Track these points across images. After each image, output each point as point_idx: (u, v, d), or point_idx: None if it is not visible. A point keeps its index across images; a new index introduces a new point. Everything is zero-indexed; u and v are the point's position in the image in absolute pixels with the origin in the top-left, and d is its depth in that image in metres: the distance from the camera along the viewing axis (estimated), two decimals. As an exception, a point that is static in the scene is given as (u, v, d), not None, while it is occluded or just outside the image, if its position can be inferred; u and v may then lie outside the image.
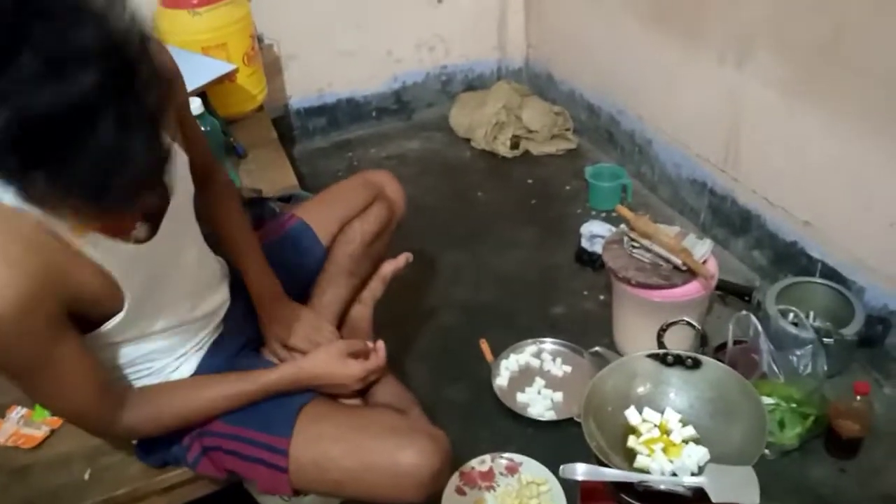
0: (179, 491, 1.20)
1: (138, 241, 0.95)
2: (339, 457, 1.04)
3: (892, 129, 1.47)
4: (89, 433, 1.10)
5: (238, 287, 1.23)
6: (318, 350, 1.14)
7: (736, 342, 1.52)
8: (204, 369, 1.12)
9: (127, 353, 1.03)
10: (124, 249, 0.92)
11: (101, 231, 0.87)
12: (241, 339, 1.20)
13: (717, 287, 1.70)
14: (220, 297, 1.18)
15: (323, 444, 1.05)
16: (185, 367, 1.12)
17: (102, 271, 0.90)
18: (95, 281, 0.90)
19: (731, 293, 1.83)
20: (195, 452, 1.10)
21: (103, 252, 0.89)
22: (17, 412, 1.28)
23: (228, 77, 1.91)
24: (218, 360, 1.14)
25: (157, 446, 1.13)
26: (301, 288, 1.33)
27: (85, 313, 0.92)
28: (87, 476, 1.17)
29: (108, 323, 0.96)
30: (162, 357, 1.08)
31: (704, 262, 1.57)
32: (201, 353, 1.14)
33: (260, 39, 2.39)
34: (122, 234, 0.92)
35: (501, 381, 1.68)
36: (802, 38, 1.63)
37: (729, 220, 2.01)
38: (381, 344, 1.19)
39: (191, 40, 1.99)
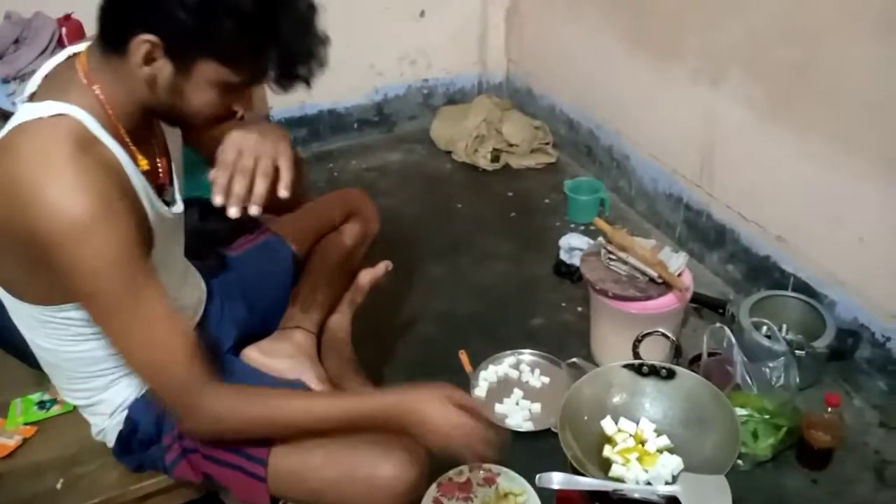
0: (155, 500, 1.19)
1: (165, 204, 1.02)
2: (318, 466, 1.04)
3: (861, 148, 1.51)
4: (171, 404, 0.98)
5: (217, 288, 1.24)
6: (423, 386, 1.06)
7: (710, 354, 1.54)
8: None
9: None
10: (160, 208, 0.99)
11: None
12: (213, 340, 1.19)
13: (692, 300, 1.73)
14: (198, 294, 1.20)
15: (303, 454, 1.05)
16: None
17: (146, 220, 0.96)
18: (142, 226, 0.94)
19: (705, 306, 1.86)
20: (174, 453, 1.09)
21: (149, 202, 0.97)
22: (-11, 422, 1.26)
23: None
24: None
25: (135, 445, 1.12)
26: (274, 297, 1.33)
27: None
28: (59, 485, 1.15)
29: None
30: None
31: (680, 274, 1.60)
32: None
33: (242, 50, 2.40)
34: (159, 181, 1.00)
35: (480, 391, 1.69)
36: (775, 62, 1.67)
37: (704, 234, 2.04)
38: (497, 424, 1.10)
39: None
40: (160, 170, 1.02)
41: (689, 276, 1.64)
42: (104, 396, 1.10)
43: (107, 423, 1.12)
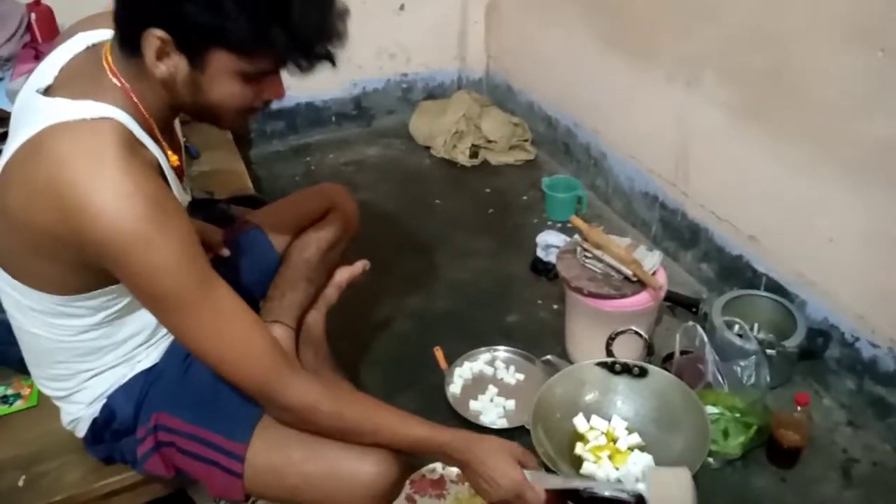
0: (120, 497, 1.17)
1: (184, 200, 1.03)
2: (299, 460, 1.03)
3: (830, 152, 1.53)
4: (263, 393, 0.96)
5: None
6: (496, 440, 1.08)
7: (683, 352, 1.55)
8: (164, 367, 1.10)
9: (117, 330, 1.03)
10: (182, 200, 1.01)
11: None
12: None
13: (666, 298, 1.74)
14: None
15: (284, 449, 1.04)
16: (155, 353, 1.11)
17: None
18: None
19: (679, 304, 1.87)
20: (147, 446, 1.07)
21: (181, 198, 0.98)
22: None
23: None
24: (176, 357, 1.12)
25: (108, 435, 1.10)
26: (253, 291, 1.31)
27: None
28: (21, 483, 1.13)
29: None
30: (140, 337, 1.07)
31: (654, 273, 1.61)
32: (160, 351, 1.12)
33: (218, 40, 2.36)
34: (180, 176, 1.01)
35: (455, 388, 1.69)
36: (747, 66, 1.69)
37: (679, 233, 2.05)
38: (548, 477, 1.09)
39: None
40: (181, 164, 1.03)
41: (664, 274, 1.65)
42: (88, 384, 1.08)
43: (83, 413, 1.10)
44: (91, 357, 1.05)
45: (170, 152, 0.96)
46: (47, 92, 0.89)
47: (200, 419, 1.06)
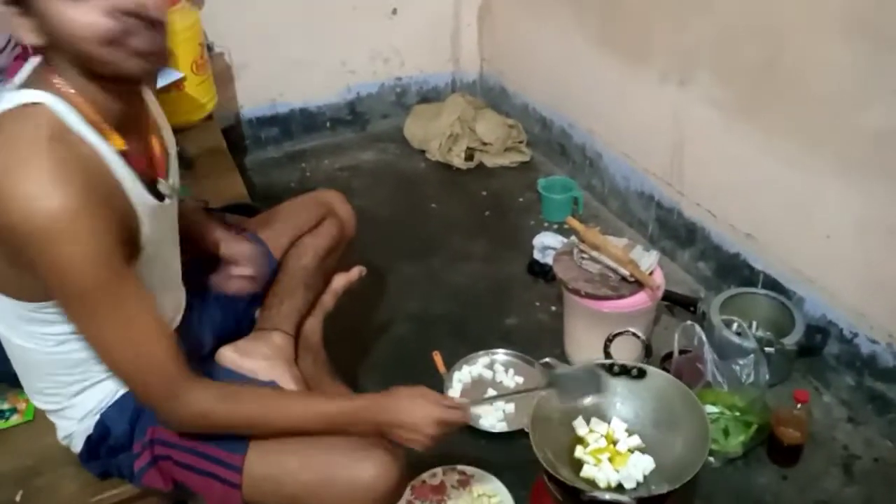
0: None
1: (159, 198, 0.99)
2: (295, 470, 1.02)
3: (826, 147, 1.53)
4: (152, 402, 0.97)
5: (191, 292, 1.22)
6: (402, 391, 1.07)
7: (681, 352, 1.55)
8: None
9: None
10: (149, 201, 0.96)
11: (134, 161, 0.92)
12: (191, 340, 1.17)
13: (664, 298, 1.74)
14: (181, 298, 1.19)
15: (279, 458, 1.03)
16: None
17: (135, 213, 0.93)
18: (128, 220, 0.92)
19: (677, 304, 1.87)
20: (144, 461, 1.07)
21: (136, 195, 0.94)
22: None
23: (176, 85, 1.88)
24: None
25: (104, 451, 1.09)
26: (251, 298, 1.31)
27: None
28: (18, 497, 1.12)
29: None
30: None
31: (651, 273, 1.60)
32: None
33: (210, 48, 2.36)
34: (150, 172, 0.97)
35: (454, 392, 1.68)
36: (741, 62, 1.68)
37: (675, 232, 2.05)
38: (465, 403, 1.10)
39: (137, 47, 1.95)
40: (152, 161, 1.01)
41: (661, 274, 1.64)
42: (77, 401, 1.07)
43: (75, 428, 1.10)
44: (77, 370, 1.04)
45: (116, 137, 0.91)
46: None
47: (238, 436, 1.05)
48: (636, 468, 1.13)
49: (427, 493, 1.44)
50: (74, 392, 1.06)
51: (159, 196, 1.00)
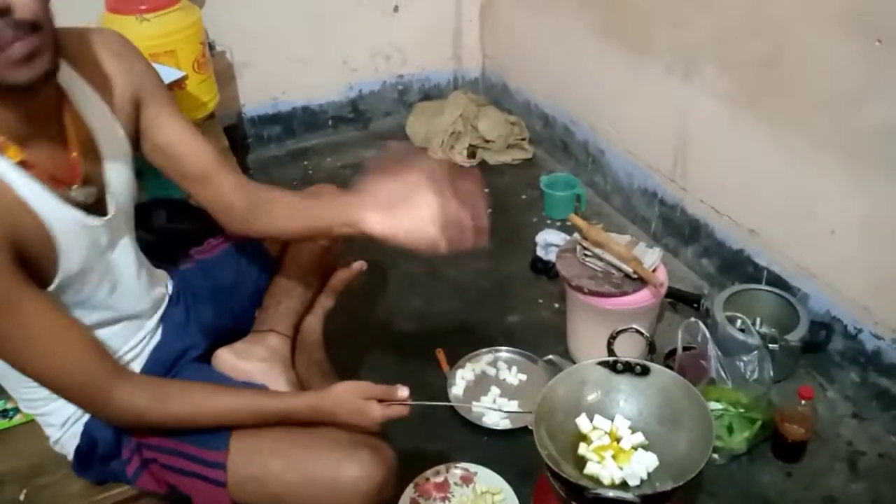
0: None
1: (81, 207, 0.95)
2: (279, 471, 1.02)
3: (829, 142, 1.52)
4: (86, 408, 0.99)
5: (183, 294, 1.21)
6: (340, 386, 1.05)
7: (685, 348, 1.54)
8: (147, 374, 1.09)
9: None
10: (67, 214, 0.92)
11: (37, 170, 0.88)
12: (180, 344, 1.16)
13: (668, 294, 1.73)
14: (156, 302, 1.16)
15: (262, 458, 1.03)
16: None
17: (44, 230, 0.89)
18: (34, 238, 0.89)
19: (680, 300, 1.86)
20: (135, 465, 1.07)
21: (47, 209, 0.90)
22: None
23: (177, 84, 1.88)
24: (159, 368, 1.11)
25: (95, 460, 1.09)
26: (248, 299, 1.31)
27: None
28: (22, 497, 1.12)
29: None
30: None
31: (654, 270, 1.60)
32: (141, 360, 1.11)
33: (212, 46, 2.36)
34: (61, 180, 0.92)
35: (457, 390, 1.68)
36: (746, 56, 1.68)
37: (679, 228, 2.04)
38: (403, 392, 1.07)
39: (138, 47, 1.95)
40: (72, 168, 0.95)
41: (664, 271, 1.64)
42: (52, 408, 1.07)
43: (60, 434, 1.09)
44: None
45: (11, 147, 0.87)
46: None
47: (177, 433, 1.05)
48: (640, 465, 1.12)
49: (430, 491, 1.44)
50: (47, 398, 1.05)
51: (91, 205, 0.96)
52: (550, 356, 1.70)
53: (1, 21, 0.78)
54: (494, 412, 1.60)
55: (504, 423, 1.59)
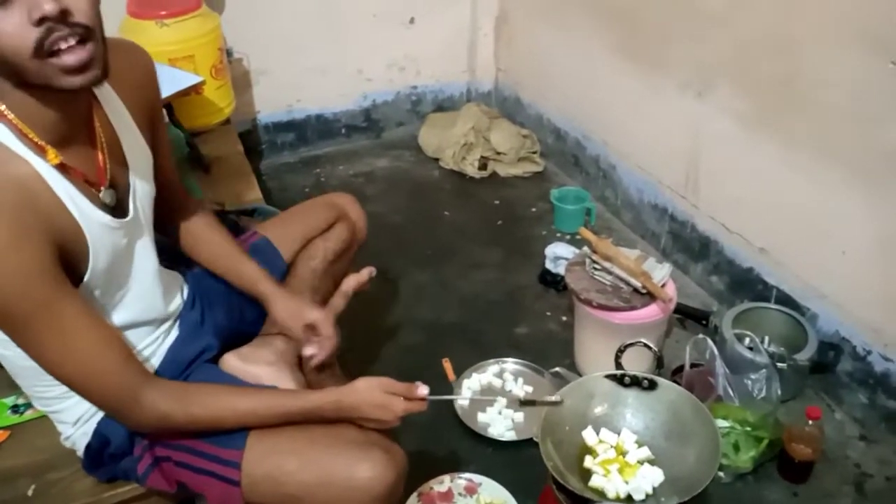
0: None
1: (107, 210, 0.98)
2: (294, 470, 1.02)
3: (843, 162, 1.52)
4: (112, 411, 0.99)
5: (198, 296, 1.22)
6: (362, 381, 1.07)
7: (693, 365, 1.54)
8: (161, 376, 1.09)
9: None
10: (98, 216, 0.95)
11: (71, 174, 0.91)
12: (196, 346, 1.17)
13: (676, 311, 1.73)
14: (173, 304, 1.17)
15: (278, 458, 1.03)
16: None
17: (79, 229, 0.92)
18: (71, 237, 0.91)
19: (689, 317, 1.86)
20: (146, 463, 1.07)
21: (80, 210, 0.93)
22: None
23: (195, 89, 1.90)
24: (173, 369, 1.12)
25: (106, 458, 1.10)
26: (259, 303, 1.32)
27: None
28: (31, 492, 1.13)
29: None
30: None
31: (663, 285, 1.60)
32: (156, 360, 1.12)
33: (229, 53, 2.39)
34: (92, 183, 0.96)
35: (463, 400, 1.68)
36: (760, 75, 1.69)
37: (688, 245, 2.05)
38: (424, 390, 1.10)
39: (157, 51, 1.95)
40: (102, 173, 0.98)
41: (673, 286, 1.64)
42: (65, 405, 1.08)
43: (72, 432, 1.10)
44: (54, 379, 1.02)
45: (51, 151, 0.90)
46: None
47: (199, 434, 1.05)
48: (645, 480, 1.12)
49: (434, 500, 1.44)
50: (60, 397, 1.06)
51: (117, 209, 0.99)
52: (557, 368, 1.70)
53: (59, 24, 0.80)
54: (500, 423, 1.60)
55: (509, 435, 1.59)
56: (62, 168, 0.91)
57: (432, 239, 2.30)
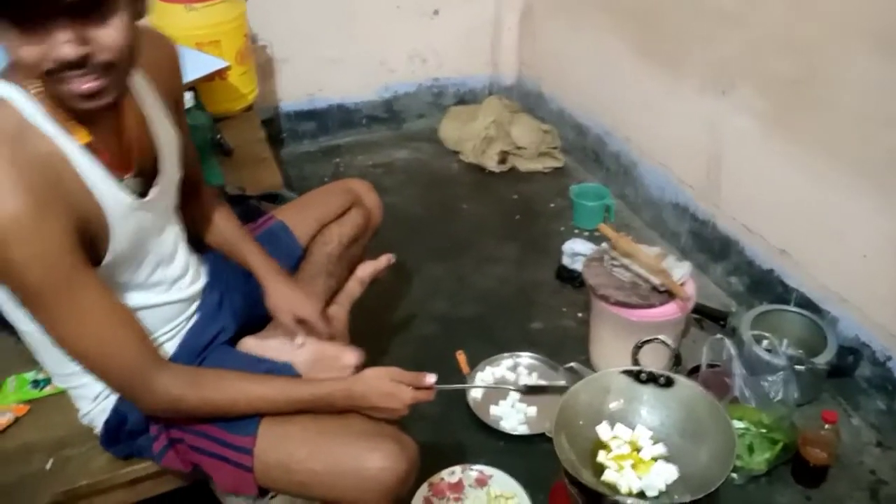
0: (144, 485, 1.19)
1: (133, 192, 0.98)
2: (305, 459, 1.03)
3: (862, 164, 1.51)
4: (126, 392, 1.00)
5: (217, 279, 1.23)
6: (371, 371, 1.09)
7: (710, 365, 1.53)
8: (178, 358, 1.11)
9: None
10: (122, 198, 0.96)
11: (99, 155, 0.92)
12: (213, 329, 1.18)
13: (694, 310, 1.72)
14: (194, 287, 1.18)
15: (289, 446, 1.04)
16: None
17: (100, 211, 0.93)
18: (92, 218, 0.92)
19: (707, 317, 1.85)
20: (162, 444, 1.08)
21: (104, 191, 0.93)
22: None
23: (220, 74, 1.91)
24: (190, 350, 1.13)
25: (123, 435, 1.11)
26: None
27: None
28: (49, 466, 1.15)
29: None
30: None
31: (683, 284, 1.59)
32: (175, 342, 1.13)
33: (254, 40, 2.40)
34: (119, 165, 0.96)
35: (476, 393, 1.68)
36: (778, 75, 1.67)
37: (708, 245, 2.03)
38: (431, 378, 1.11)
39: (184, 35, 1.99)
40: (129, 156, 0.99)
41: (693, 285, 1.63)
42: (86, 381, 1.09)
43: (91, 408, 1.12)
44: None
45: (81, 130, 0.90)
46: None
47: (211, 419, 1.06)
48: (659, 477, 1.12)
49: (444, 491, 1.45)
50: (80, 374, 1.07)
51: (142, 192, 1.00)
52: (572, 364, 1.69)
53: (76, 67, 0.80)
54: (512, 416, 1.60)
55: (522, 429, 1.59)
56: (90, 148, 0.92)
57: (449, 232, 2.30)
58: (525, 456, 1.52)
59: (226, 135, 2.09)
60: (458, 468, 1.48)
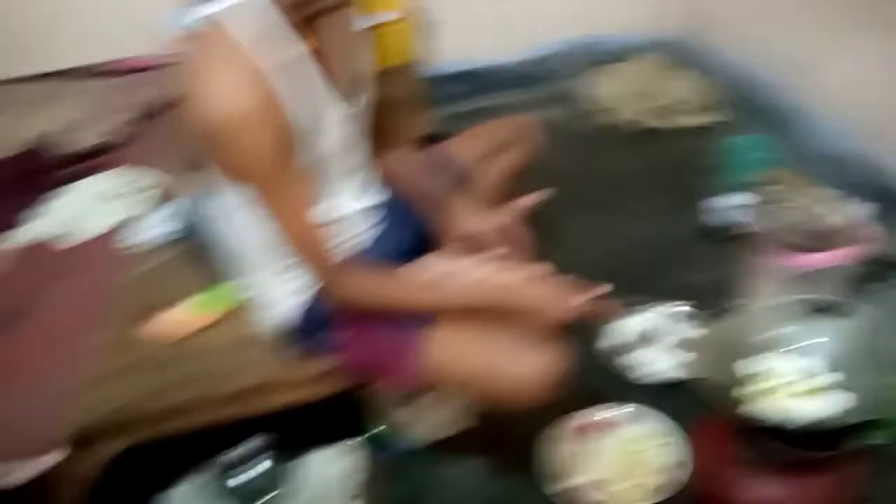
0: (311, 387, 1.28)
1: (340, 103, 1.11)
2: (467, 355, 1.11)
3: None
4: (315, 270, 1.12)
5: (392, 213, 1.32)
6: (522, 270, 1.14)
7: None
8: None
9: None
10: (331, 105, 1.09)
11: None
12: (399, 238, 1.28)
13: (873, 261, 1.58)
14: (373, 201, 1.28)
15: (455, 343, 1.12)
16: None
17: (312, 118, 1.05)
18: (303, 124, 1.03)
19: (888, 266, 1.69)
20: (340, 340, 1.19)
21: (318, 99, 1.06)
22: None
23: (390, 25, 2.00)
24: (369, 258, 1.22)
25: (306, 333, 1.22)
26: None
27: None
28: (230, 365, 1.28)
29: None
30: None
31: (857, 228, 1.47)
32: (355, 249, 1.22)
33: (411, 0, 2.47)
34: (333, 72, 1.08)
35: (626, 339, 1.66)
36: None
37: (888, 196, 1.86)
38: (605, 289, 1.17)
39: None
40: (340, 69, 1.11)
41: (870, 232, 1.50)
42: (277, 281, 1.20)
43: (280, 306, 1.23)
44: (276, 253, 1.15)
45: (310, 39, 1.03)
46: None
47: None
48: (835, 406, 1.05)
49: (595, 428, 1.44)
50: (274, 273, 1.19)
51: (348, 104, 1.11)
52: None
53: None
54: (664, 363, 1.57)
55: (675, 374, 1.55)
56: (317, 55, 1.04)
57: (597, 187, 2.27)
58: (676, 399, 1.48)
59: (386, 89, 2.18)
60: (604, 407, 1.46)
